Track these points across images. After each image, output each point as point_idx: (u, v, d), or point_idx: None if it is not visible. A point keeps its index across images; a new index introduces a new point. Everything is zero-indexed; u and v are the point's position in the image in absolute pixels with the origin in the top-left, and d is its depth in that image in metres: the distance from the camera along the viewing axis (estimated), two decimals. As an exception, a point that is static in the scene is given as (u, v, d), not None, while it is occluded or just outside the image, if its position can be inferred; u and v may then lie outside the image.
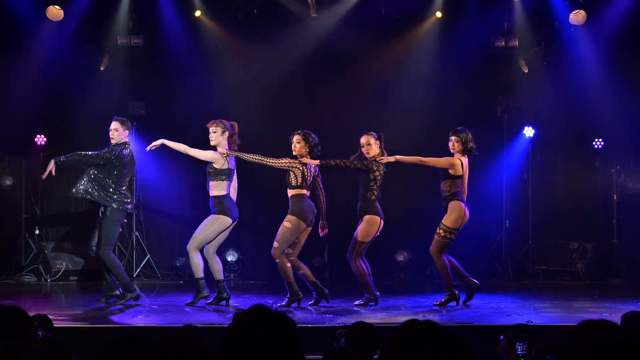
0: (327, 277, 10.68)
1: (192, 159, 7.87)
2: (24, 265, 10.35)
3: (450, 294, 7.77)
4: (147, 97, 10.71)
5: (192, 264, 7.71)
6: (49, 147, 10.22)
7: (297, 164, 7.62)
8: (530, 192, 11.00)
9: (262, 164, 7.66)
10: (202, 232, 7.66)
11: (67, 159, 7.68)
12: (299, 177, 7.61)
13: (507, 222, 10.84)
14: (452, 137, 7.86)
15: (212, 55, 10.83)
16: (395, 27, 10.77)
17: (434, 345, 2.29)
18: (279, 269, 7.59)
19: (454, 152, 7.84)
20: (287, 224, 7.59)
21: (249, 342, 2.30)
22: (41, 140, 10.35)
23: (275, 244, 7.56)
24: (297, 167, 7.61)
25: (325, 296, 7.70)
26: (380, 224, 7.71)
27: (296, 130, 7.80)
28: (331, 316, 6.99)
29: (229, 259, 10.61)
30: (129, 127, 7.99)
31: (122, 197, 7.73)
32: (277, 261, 7.57)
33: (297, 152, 7.68)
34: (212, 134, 7.70)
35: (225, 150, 7.66)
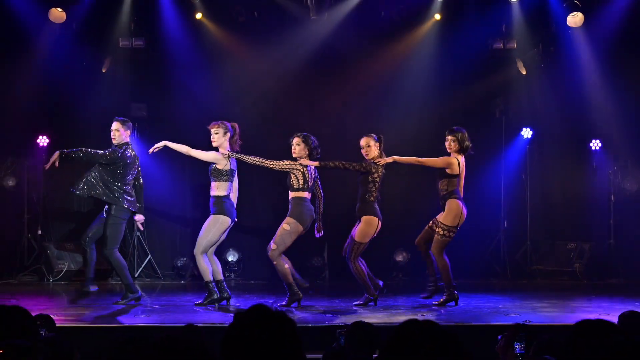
0: (327, 277, 10.74)
1: (193, 160, 7.87)
2: (27, 265, 10.38)
3: (449, 294, 7.79)
4: (149, 98, 10.71)
5: (200, 268, 7.70)
6: (51, 148, 10.22)
7: (297, 165, 7.63)
8: (528, 193, 11.03)
9: (263, 166, 7.68)
10: (205, 235, 7.66)
11: (71, 152, 7.68)
12: (300, 179, 7.62)
13: (505, 222, 10.87)
14: (448, 136, 7.90)
15: (213, 57, 10.82)
16: (394, 29, 10.79)
17: (433, 344, 2.31)
18: (277, 270, 7.60)
19: (450, 151, 7.88)
20: (285, 226, 7.60)
21: (249, 342, 2.31)
22: (43, 141, 10.41)
23: (273, 246, 7.57)
24: (298, 169, 7.62)
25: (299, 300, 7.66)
26: (378, 225, 7.70)
27: (296, 132, 7.83)
28: (331, 316, 7.00)
29: (229, 259, 10.61)
30: (130, 127, 8.01)
31: (127, 196, 7.79)
32: (274, 263, 7.57)
33: (296, 154, 7.69)
34: (214, 135, 7.72)
35: (226, 151, 7.68)
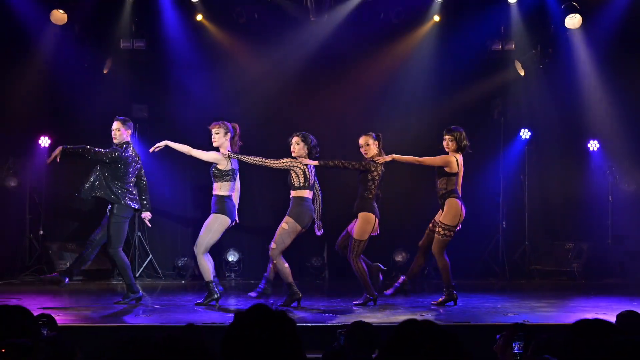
0: (327, 276, 10.77)
1: (194, 160, 7.89)
2: (28, 265, 10.40)
3: (448, 293, 7.83)
4: (150, 99, 10.74)
5: (201, 267, 7.72)
6: (52, 149, 10.19)
7: (297, 163, 7.66)
8: (526, 193, 11.05)
9: (263, 165, 7.71)
10: (205, 235, 7.69)
11: (74, 147, 7.70)
12: (300, 177, 7.65)
13: (504, 222, 10.88)
14: (446, 136, 7.95)
15: (214, 58, 10.85)
16: (393, 30, 10.81)
17: (432, 344, 2.32)
18: (277, 269, 7.62)
19: (448, 150, 7.91)
20: (284, 225, 7.63)
21: (249, 342, 2.33)
22: (45, 142, 10.45)
23: (273, 245, 7.60)
24: (298, 167, 7.65)
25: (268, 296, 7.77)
26: (375, 222, 7.72)
27: (295, 132, 7.87)
28: (330, 315, 7.02)
29: (230, 259, 10.63)
30: (131, 126, 8.03)
31: (128, 194, 7.83)
32: (274, 262, 7.60)
33: (296, 153, 7.71)
34: (215, 135, 7.75)
35: (227, 151, 7.72)
